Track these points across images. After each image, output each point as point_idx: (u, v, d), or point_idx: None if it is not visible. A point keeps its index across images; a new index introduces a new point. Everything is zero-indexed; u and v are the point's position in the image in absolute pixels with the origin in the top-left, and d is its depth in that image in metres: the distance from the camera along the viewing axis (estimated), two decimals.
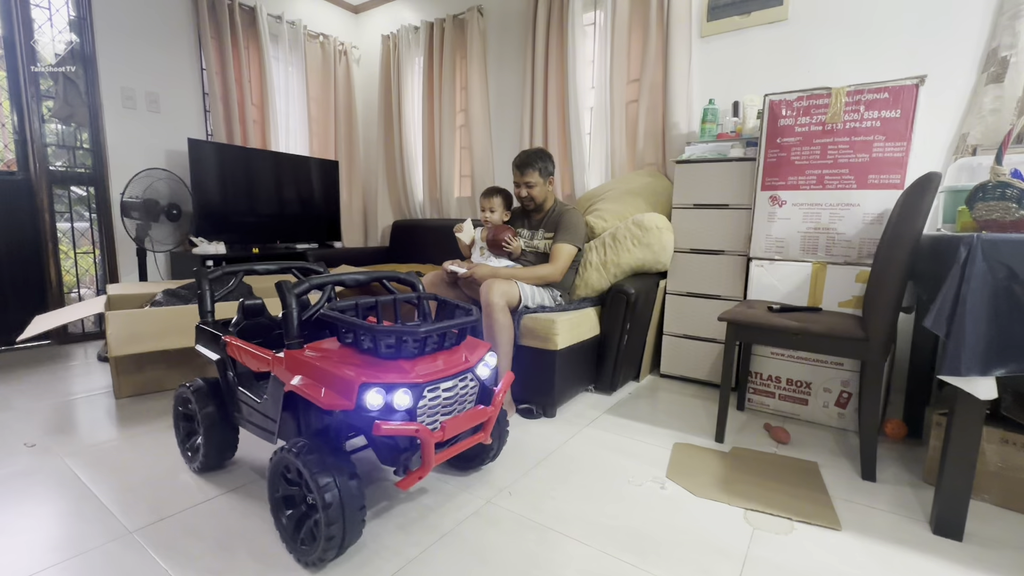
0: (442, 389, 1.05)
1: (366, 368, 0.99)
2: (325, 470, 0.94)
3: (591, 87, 2.83)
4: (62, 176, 2.72)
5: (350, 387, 0.95)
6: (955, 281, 1.05)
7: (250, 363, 1.24)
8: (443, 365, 1.06)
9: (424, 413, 1.02)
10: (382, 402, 0.95)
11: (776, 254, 1.88)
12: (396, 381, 0.97)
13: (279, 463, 1.02)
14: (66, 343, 2.76)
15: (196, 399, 1.32)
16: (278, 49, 3.48)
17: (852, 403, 1.76)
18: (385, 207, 3.92)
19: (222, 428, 1.33)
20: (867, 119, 1.66)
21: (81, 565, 1.02)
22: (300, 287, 1.09)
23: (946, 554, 1.10)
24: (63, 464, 1.43)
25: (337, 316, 1.06)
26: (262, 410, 1.18)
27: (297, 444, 0.99)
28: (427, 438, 0.99)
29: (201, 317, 1.42)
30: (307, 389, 1.00)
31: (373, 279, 1.26)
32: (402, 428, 0.95)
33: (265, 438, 1.19)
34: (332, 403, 0.96)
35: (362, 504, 0.98)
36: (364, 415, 0.94)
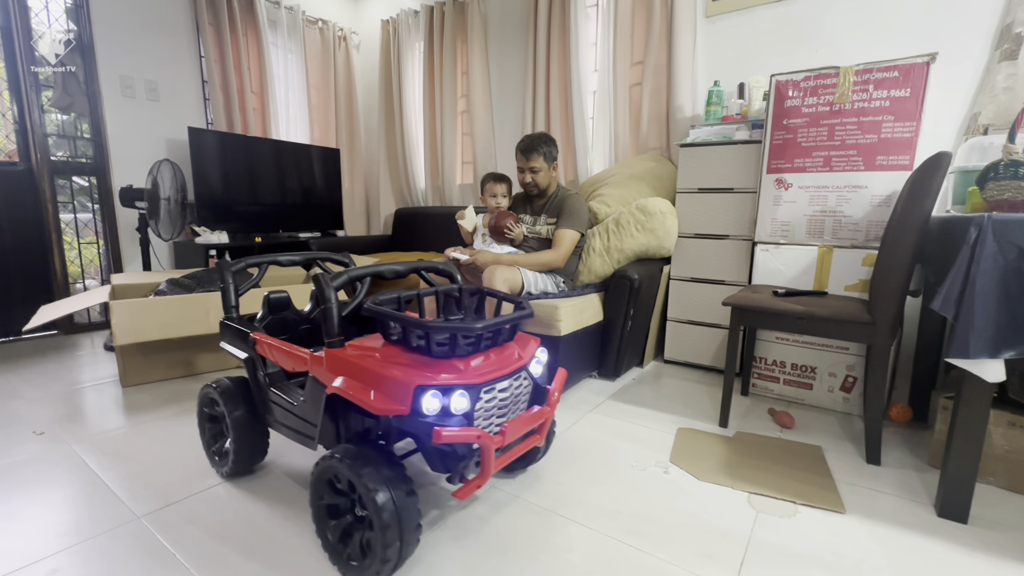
0: (498, 389, 0.96)
1: (419, 369, 0.90)
2: (382, 485, 0.86)
3: (594, 70, 2.79)
4: (63, 166, 2.71)
5: (404, 390, 0.87)
6: (964, 263, 1.03)
7: (284, 362, 1.14)
8: (498, 363, 0.97)
9: (480, 416, 0.94)
10: (439, 406, 0.87)
11: (781, 238, 1.86)
12: (453, 383, 0.89)
13: (326, 471, 0.94)
14: (73, 333, 2.78)
15: (224, 401, 1.22)
16: (277, 35, 3.44)
17: (857, 387, 1.75)
18: (387, 195, 3.90)
19: (253, 431, 1.24)
20: (876, 99, 1.63)
21: (90, 549, 1.03)
22: (339, 280, 1.00)
23: (951, 536, 1.10)
24: (71, 451, 1.44)
25: (386, 312, 0.97)
26: (300, 413, 1.09)
27: (349, 453, 0.91)
28: (489, 444, 0.91)
29: (225, 312, 1.32)
30: (354, 392, 0.92)
31: (412, 270, 1.16)
32: (464, 435, 0.87)
33: (303, 443, 1.11)
34: (384, 407, 0.88)
35: (419, 522, 0.91)
36: (420, 420, 0.87)
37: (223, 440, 1.31)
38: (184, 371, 2.07)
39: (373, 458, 0.90)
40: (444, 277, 1.28)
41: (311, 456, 1.42)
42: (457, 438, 0.86)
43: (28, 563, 0.99)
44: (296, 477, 1.32)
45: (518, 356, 1.04)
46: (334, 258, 1.45)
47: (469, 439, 0.88)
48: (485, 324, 0.91)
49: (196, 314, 1.97)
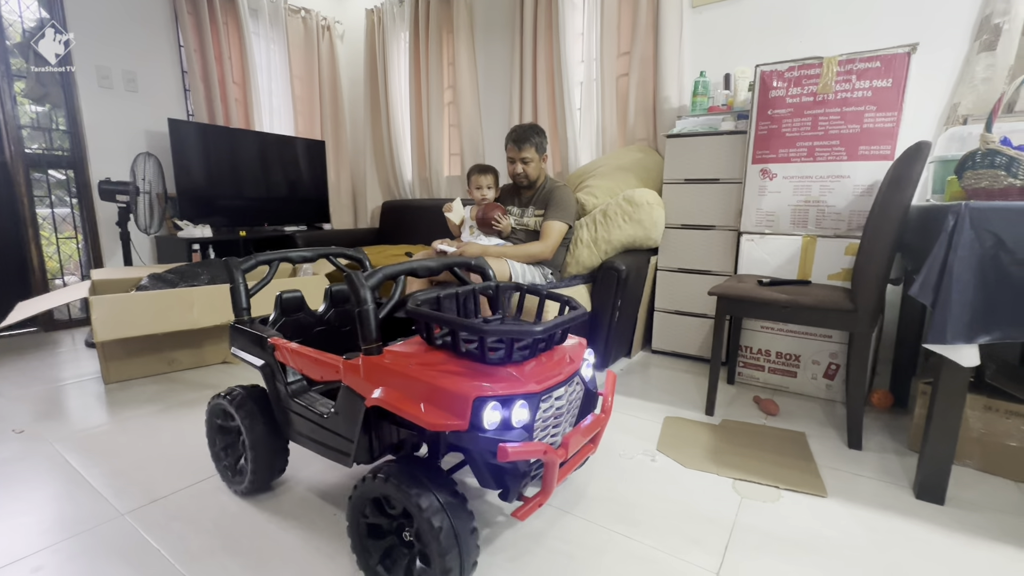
0: (554, 397, 0.89)
1: (476, 378, 0.81)
2: (440, 512, 0.79)
3: (581, 61, 2.78)
4: (39, 159, 2.64)
5: (462, 402, 0.78)
6: (942, 250, 1.05)
7: (310, 371, 1.04)
8: (554, 368, 0.89)
9: (539, 427, 0.86)
10: (500, 419, 0.79)
11: (766, 228, 1.88)
12: (513, 392, 0.80)
13: (370, 492, 0.86)
14: (53, 330, 2.73)
15: (240, 413, 1.12)
16: (258, 25, 3.38)
17: (840, 374, 1.78)
18: (374, 187, 3.87)
19: (272, 446, 1.14)
20: (858, 89, 1.64)
21: (73, 547, 1.02)
22: (374, 279, 0.90)
23: (928, 517, 1.12)
24: (53, 449, 1.42)
25: (434, 314, 0.88)
26: (331, 427, 0.99)
27: (397, 473, 0.83)
28: (554, 459, 0.83)
29: (236, 315, 1.20)
30: (401, 405, 0.83)
31: (445, 266, 1.09)
32: (530, 450, 0.78)
33: (335, 459, 1.01)
34: (439, 422, 0.79)
35: (476, 560, 0.84)
36: (479, 436, 0.78)
37: (236, 455, 1.21)
38: (167, 367, 2.04)
39: (425, 479, 0.82)
40: (477, 273, 1.19)
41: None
42: (524, 454, 0.77)
43: (10, 561, 0.98)
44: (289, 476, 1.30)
45: (570, 359, 0.95)
46: (347, 254, 1.37)
47: (535, 454, 0.80)
48: (545, 327, 0.82)
49: (179, 309, 1.95)
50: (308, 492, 1.22)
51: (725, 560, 0.99)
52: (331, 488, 1.23)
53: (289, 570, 0.96)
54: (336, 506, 1.16)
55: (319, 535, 1.06)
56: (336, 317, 1.36)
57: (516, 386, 0.81)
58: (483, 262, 1.19)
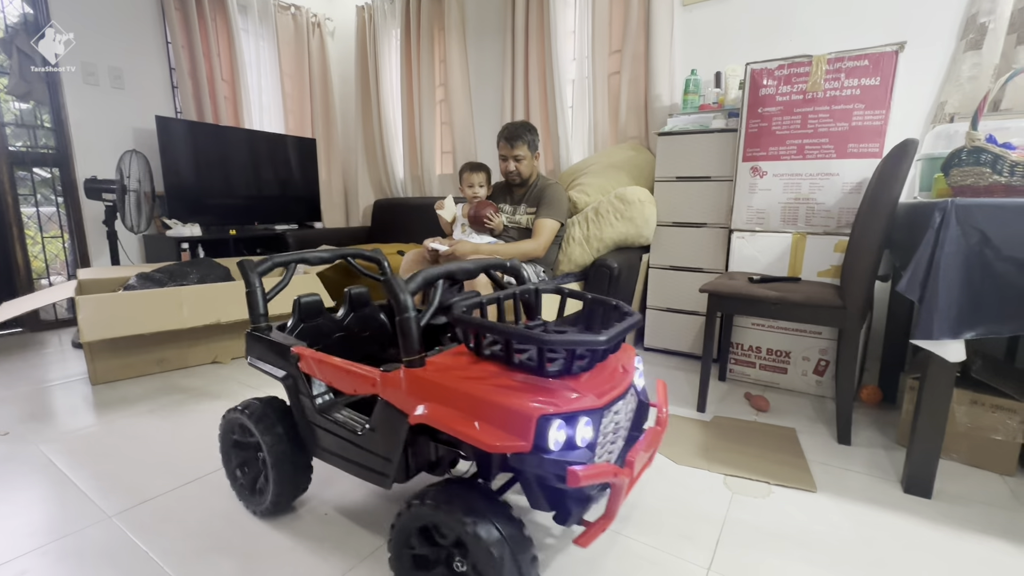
0: (613, 412, 0.82)
1: (535, 393, 0.74)
2: (503, 547, 0.72)
3: (572, 59, 2.78)
4: (23, 157, 2.60)
5: (524, 421, 0.70)
6: (929, 246, 1.06)
7: (340, 383, 0.96)
8: (612, 380, 0.82)
9: (600, 445, 0.79)
10: (565, 438, 0.72)
11: (757, 225, 1.89)
12: (577, 408, 0.73)
13: (417, 519, 0.79)
14: (39, 330, 2.69)
15: (261, 429, 1.04)
16: (247, 21, 3.34)
17: (830, 371, 1.79)
18: (366, 186, 3.85)
19: (296, 463, 1.06)
20: (847, 87, 1.65)
21: (60, 549, 1.01)
22: (414, 283, 0.83)
23: (915, 511, 1.14)
24: (38, 451, 1.40)
25: (489, 324, 0.80)
26: (367, 446, 0.92)
27: (447, 498, 0.76)
28: (624, 481, 0.77)
29: (253, 322, 1.11)
30: (452, 424, 0.75)
31: (482, 269, 1.02)
32: (602, 473, 0.72)
33: (371, 480, 0.93)
34: (499, 444, 0.71)
35: (534, 555, 0.77)
36: (546, 459, 0.71)
37: (254, 472, 1.13)
38: (156, 367, 2.02)
39: (481, 507, 0.75)
40: (511, 275, 1.12)
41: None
42: (595, 477, 0.70)
43: None
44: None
45: (624, 369, 0.88)
46: (365, 254, 1.29)
47: (607, 477, 0.73)
48: (611, 336, 0.74)
49: (168, 309, 1.92)
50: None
51: (716, 555, 0.99)
52: (317, 485, 1.22)
53: (281, 572, 0.95)
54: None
55: (307, 535, 1.05)
56: (355, 322, 1.28)
57: (579, 401, 0.74)
58: (518, 264, 1.12)
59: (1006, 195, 1.08)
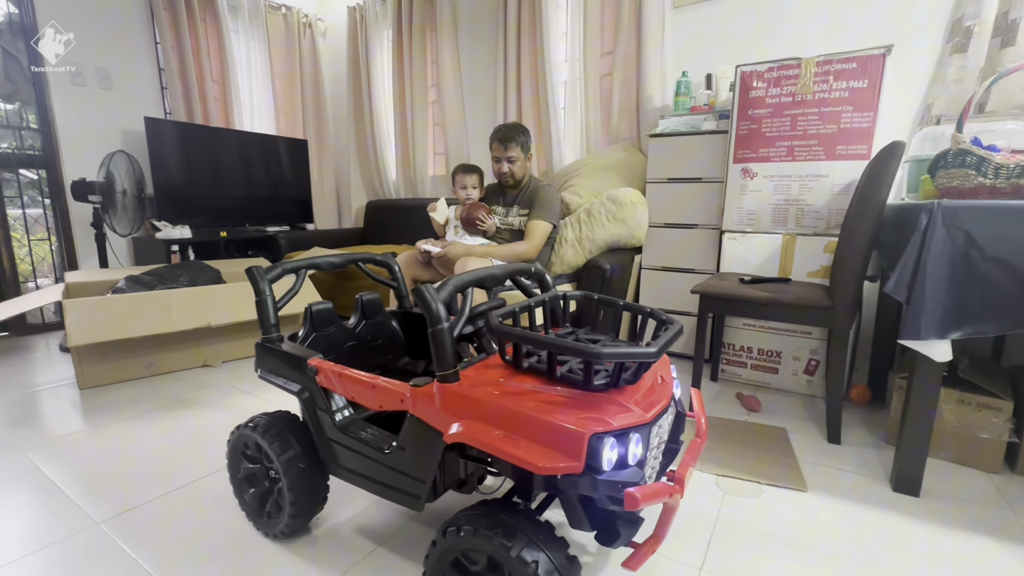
0: (658, 426, 0.76)
1: (583, 409, 0.69)
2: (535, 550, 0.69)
3: (564, 60, 2.78)
4: (9, 158, 2.57)
5: (575, 440, 0.65)
6: (916, 248, 1.08)
7: (364, 399, 0.89)
8: (656, 393, 0.78)
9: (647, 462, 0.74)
10: (617, 457, 0.68)
11: (748, 227, 1.90)
12: (628, 424, 0.69)
13: (457, 545, 0.74)
14: (25, 334, 2.65)
15: (275, 447, 0.97)
16: (237, 21, 3.32)
17: (820, 370, 1.81)
18: (358, 187, 3.83)
19: (314, 482, 1.00)
20: (836, 89, 1.67)
21: (47, 557, 0.99)
22: (445, 291, 0.77)
23: (904, 509, 1.15)
24: (24, 458, 1.38)
25: (535, 336, 0.74)
26: (395, 466, 0.86)
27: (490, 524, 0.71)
28: (678, 500, 0.73)
29: (264, 332, 1.05)
30: (495, 444, 0.70)
31: (508, 275, 0.96)
32: (659, 493, 0.68)
33: (400, 502, 0.88)
34: (549, 466, 0.66)
35: None
36: (599, 480, 0.66)
37: (264, 492, 1.07)
38: (145, 371, 2.00)
39: (531, 534, 0.70)
40: (536, 281, 1.08)
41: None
42: (653, 498, 0.67)
43: None
44: None
45: (663, 380, 0.83)
46: (376, 259, 1.25)
47: (663, 497, 0.69)
48: (660, 346, 0.69)
49: (157, 312, 1.91)
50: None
51: (708, 555, 1.00)
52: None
53: None
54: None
55: (297, 540, 1.04)
56: (367, 330, 1.24)
57: (629, 417, 0.69)
58: (543, 270, 1.07)
59: (991, 197, 1.10)
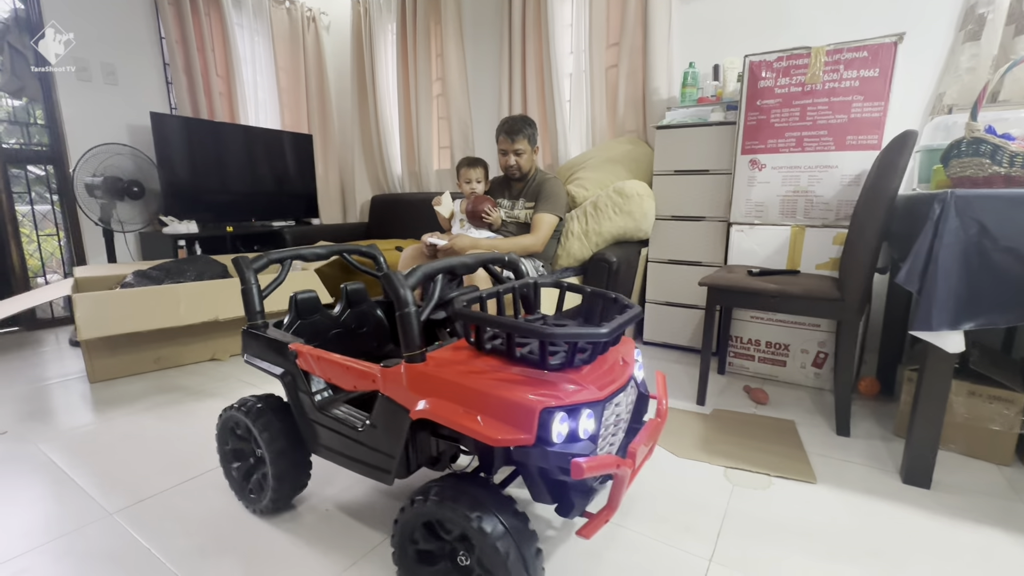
0: (614, 404, 0.82)
1: (537, 386, 0.75)
2: (508, 542, 0.73)
3: (570, 52, 2.76)
4: (17, 154, 2.58)
5: (527, 414, 0.71)
6: (928, 238, 1.06)
7: (340, 379, 0.95)
8: (613, 373, 0.82)
9: (601, 437, 0.80)
10: (567, 431, 0.73)
11: (756, 219, 1.89)
12: (580, 401, 0.74)
13: (422, 515, 0.80)
14: (35, 329, 2.68)
15: (260, 427, 1.03)
16: (241, 16, 3.31)
17: (828, 363, 1.80)
18: (363, 182, 3.83)
19: (295, 460, 1.06)
20: (846, 79, 1.65)
21: (60, 548, 1.01)
22: (414, 278, 0.82)
23: (914, 501, 1.14)
24: (37, 450, 1.39)
25: (492, 318, 0.80)
26: (368, 442, 0.92)
27: (452, 495, 0.77)
28: (626, 472, 0.78)
29: (249, 319, 1.10)
30: (455, 418, 0.76)
31: (481, 263, 1.02)
32: (606, 464, 0.73)
33: (373, 476, 0.94)
34: (502, 438, 0.72)
35: (538, 547, 0.78)
36: (549, 451, 0.71)
37: (251, 471, 1.13)
38: (154, 365, 2.01)
39: (485, 500, 0.75)
40: (510, 270, 1.13)
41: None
42: (599, 469, 0.71)
43: None
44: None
45: (624, 361, 0.88)
46: (361, 250, 1.29)
47: (610, 468, 0.74)
48: (612, 328, 0.75)
49: (166, 306, 1.92)
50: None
51: (718, 546, 1.00)
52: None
53: (282, 568, 0.95)
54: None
55: (307, 532, 1.05)
56: (353, 318, 1.29)
57: (581, 394, 0.74)
58: (516, 258, 1.12)
59: (1006, 186, 1.08)
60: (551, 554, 0.98)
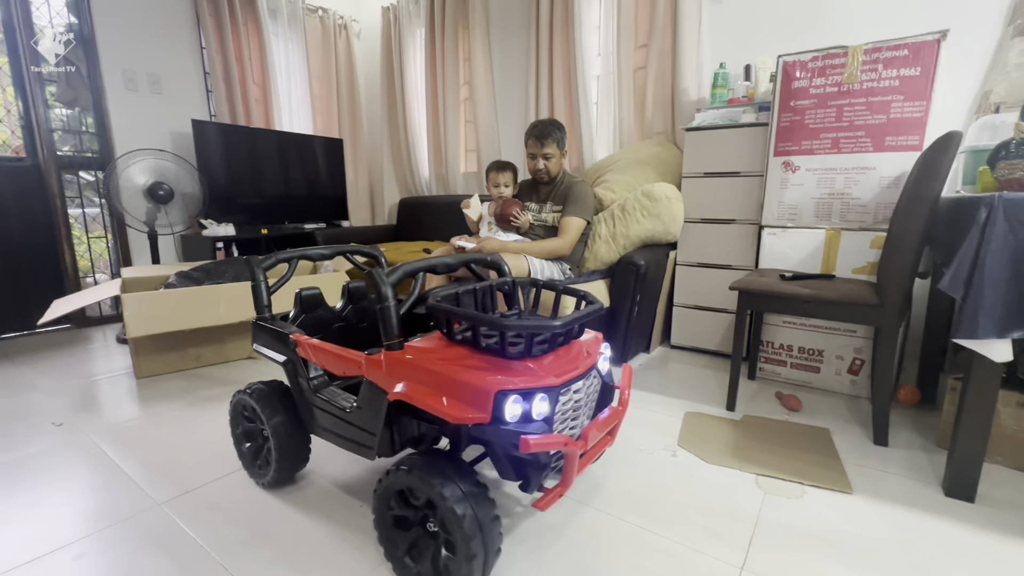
0: (573, 391, 0.91)
1: (497, 372, 0.83)
2: (465, 503, 0.81)
3: (597, 54, 2.76)
4: (70, 161, 2.73)
5: (484, 396, 0.80)
6: (974, 242, 1.03)
7: (332, 366, 1.06)
8: (572, 362, 0.91)
9: (558, 419, 0.88)
10: (521, 411, 0.81)
11: (789, 221, 1.85)
12: (533, 385, 0.82)
13: (396, 484, 0.88)
14: (85, 326, 2.82)
15: (263, 408, 1.15)
16: (277, 25, 3.42)
17: (865, 370, 1.75)
18: (391, 185, 3.90)
19: (295, 439, 1.17)
20: (885, 78, 1.60)
21: (116, 534, 1.07)
22: (394, 275, 0.92)
23: (958, 515, 1.11)
24: (90, 441, 1.48)
25: (455, 310, 0.90)
26: (354, 421, 1.01)
27: (421, 465, 0.85)
28: (574, 451, 0.85)
29: (258, 312, 1.23)
30: (424, 399, 0.85)
31: (463, 263, 1.11)
32: (552, 442, 0.80)
33: (358, 452, 1.04)
34: (462, 416, 0.81)
35: (500, 546, 0.86)
36: (502, 429, 0.80)
37: (260, 448, 1.25)
38: (195, 363, 2.10)
39: (449, 471, 0.84)
40: (492, 269, 1.20)
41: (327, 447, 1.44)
42: (545, 446, 0.79)
43: (55, 548, 1.03)
44: (312, 470, 1.34)
45: (587, 353, 0.97)
46: (363, 251, 1.39)
47: (556, 446, 0.81)
48: (565, 321, 0.84)
49: (206, 306, 2.00)
50: (331, 485, 1.25)
51: (749, 555, 0.99)
52: (353, 481, 1.26)
53: (318, 561, 0.99)
54: (359, 498, 1.19)
55: (345, 527, 1.08)
56: (354, 313, 1.40)
57: (536, 380, 0.83)
58: (499, 258, 1.20)
59: None
60: (577, 559, 0.99)
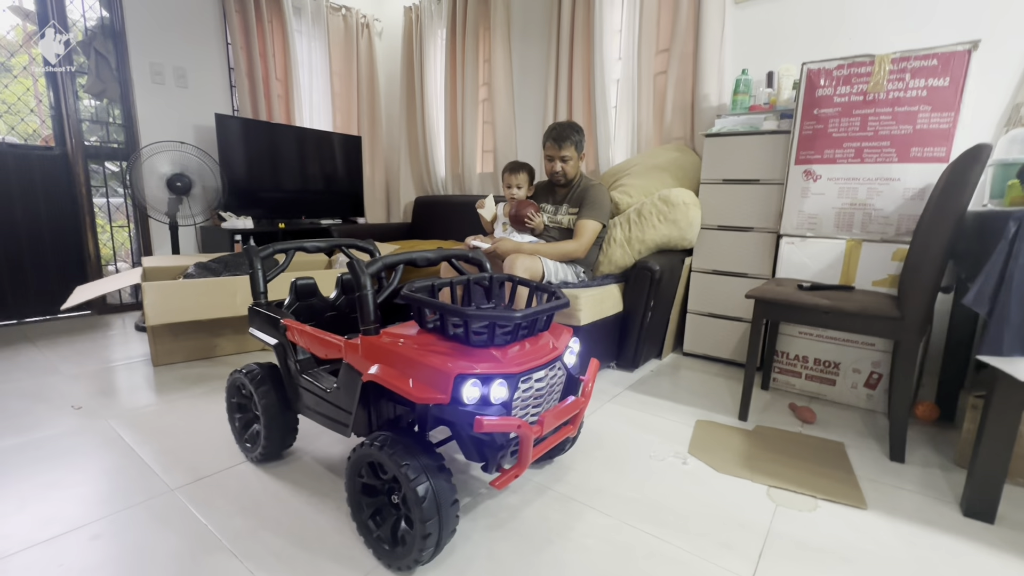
0: (534, 379, 0.97)
1: (459, 357, 0.90)
2: (422, 475, 0.86)
3: (618, 58, 2.75)
4: (96, 151, 2.79)
5: (444, 378, 0.87)
6: (1002, 257, 1.00)
7: (315, 349, 1.15)
8: (535, 353, 0.97)
9: (518, 406, 0.94)
10: (479, 395, 0.88)
11: (808, 231, 1.83)
12: (493, 372, 0.89)
13: (364, 458, 0.94)
14: (105, 313, 2.88)
15: (254, 387, 1.23)
16: (301, 22, 3.47)
17: (882, 384, 1.72)
18: (407, 183, 3.93)
19: (283, 417, 1.25)
20: (912, 88, 1.58)
21: (129, 518, 1.09)
22: (373, 267, 1.00)
23: (976, 536, 1.08)
24: (107, 426, 1.51)
25: (425, 299, 0.96)
26: (333, 400, 1.09)
27: (387, 441, 0.91)
28: (528, 434, 0.91)
29: (254, 299, 1.32)
30: (392, 380, 0.92)
31: (443, 257, 1.17)
32: (504, 424, 0.86)
33: (336, 430, 1.11)
34: (423, 396, 0.88)
35: (457, 514, 0.92)
36: (460, 409, 0.87)
37: (252, 425, 1.32)
38: (211, 352, 2.13)
39: (412, 447, 0.90)
40: (473, 265, 1.27)
41: (335, 439, 1.46)
42: (497, 427, 0.86)
43: (71, 528, 1.05)
44: (322, 460, 1.35)
45: (552, 346, 1.02)
46: (359, 245, 1.45)
47: (509, 428, 0.87)
48: (525, 314, 0.91)
49: (223, 297, 2.03)
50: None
51: (759, 567, 0.97)
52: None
53: (327, 552, 0.99)
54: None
55: None
56: (346, 304, 1.49)
57: (496, 367, 0.89)
58: (480, 255, 1.26)
59: None
60: (586, 565, 0.98)
